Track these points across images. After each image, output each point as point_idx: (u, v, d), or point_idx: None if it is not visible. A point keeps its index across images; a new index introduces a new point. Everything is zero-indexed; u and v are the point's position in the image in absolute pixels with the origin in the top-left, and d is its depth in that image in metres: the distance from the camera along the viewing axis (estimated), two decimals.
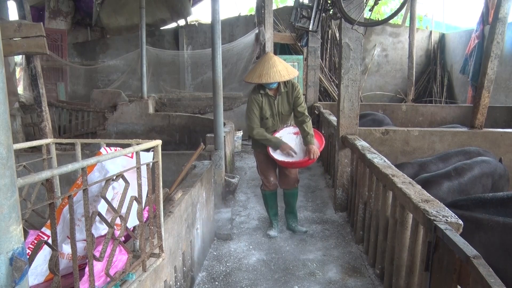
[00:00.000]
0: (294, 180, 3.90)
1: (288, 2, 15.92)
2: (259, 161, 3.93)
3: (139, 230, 1.73)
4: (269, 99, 3.63)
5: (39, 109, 3.54)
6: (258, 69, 3.48)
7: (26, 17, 3.87)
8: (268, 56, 3.56)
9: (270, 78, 3.40)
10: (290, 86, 3.65)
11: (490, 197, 2.74)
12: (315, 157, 3.57)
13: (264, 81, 3.42)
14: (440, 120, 7.14)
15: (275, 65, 3.45)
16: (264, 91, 3.61)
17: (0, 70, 0.90)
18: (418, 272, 2.31)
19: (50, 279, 1.69)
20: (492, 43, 4.83)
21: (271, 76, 3.40)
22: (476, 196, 2.84)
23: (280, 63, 3.50)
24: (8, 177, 0.92)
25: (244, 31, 10.46)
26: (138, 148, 1.66)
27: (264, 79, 3.41)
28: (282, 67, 3.48)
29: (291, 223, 4.00)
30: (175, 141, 7.75)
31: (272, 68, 3.42)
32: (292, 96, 3.66)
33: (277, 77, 3.42)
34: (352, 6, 3.85)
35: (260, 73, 3.44)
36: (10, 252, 0.93)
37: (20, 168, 1.83)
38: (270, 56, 3.54)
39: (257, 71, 3.47)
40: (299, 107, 3.67)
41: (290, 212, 4.03)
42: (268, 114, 3.66)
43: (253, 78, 3.48)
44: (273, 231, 3.93)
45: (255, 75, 3.47)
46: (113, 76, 11.29)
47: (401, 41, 11.04)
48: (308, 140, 3.62)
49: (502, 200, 2.67)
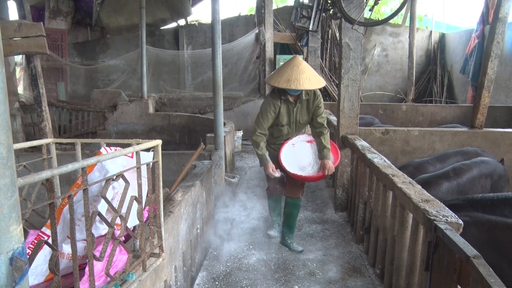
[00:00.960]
0: (300, 190, 3.60)
1: (288, 2, 15.92)
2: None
3: (139, 230, 1.73)
4: (288, 105, 3.37)
5: (39, 109, 3.54)
6: (285, 73, 3.19)
7: (26, 17, 3.87)
8: (297, 60, 3.27)
9: (300, 85, 3.12)
10: (311, 94, 3.38)
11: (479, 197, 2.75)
12: (329, 174, 3.35)
13: (294, 87, 3.13)
14: (440, 120, 7.14)
15: (305, 71, 3.18)
16: (285, 96, 3.33)
17: (0, 70, 0.90)
18: (418, 272, 2.31)
19: (50, 279, 1.69)
20: (492, 43, 4.83)
21: (300, 83, 3.12)
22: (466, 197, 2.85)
23: (309, 70, 3.25)
24: (8, 177, 0.92)
25: (244, 31, 10.47)
26: (138, 148, 1.66)
27: (294, 85, 3.12)
28: (312, 74, 3.22)
29: (287, 239, 3.70)
30: (175, 141, 7.75)
31: (302, 74, 3.15)
32: (313, 105, 3.40)
33: (307, 85, 3.14)
34: (352, 6, 3.85)
35: (289, 78, 3.14)
36: (10, 252, 0.93)
37: (20, 168, 1.83)
38: (299, 61, 3.26)
39: (285, 75, 3.17)
40: (319, 118, 3.42)
41: (288, 226, 3.70)
42: (284, 121, 3.40)
43: (280, 83, 3.17)
44: (273, 231, 3.86)
45: (283, 79, 3.17)
46: (113, 76, 11.30)
47: (401, 41, 11.04)
48: (324, 154, 3.38)
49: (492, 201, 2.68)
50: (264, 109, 3.36)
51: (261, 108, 3.42)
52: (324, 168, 3.33)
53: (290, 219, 3.69)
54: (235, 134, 7.06)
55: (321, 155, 3.41)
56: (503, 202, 2.64)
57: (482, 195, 2.84)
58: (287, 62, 3.30)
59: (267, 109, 3.34)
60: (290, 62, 3.27)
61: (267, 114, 3.34)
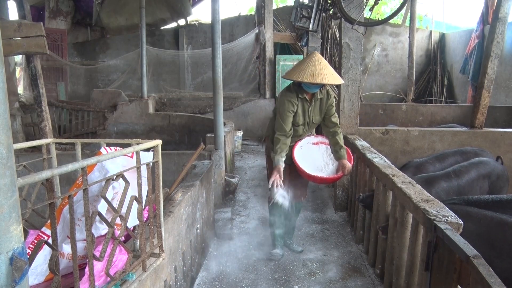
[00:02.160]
0: (302, 193, 3.54)
1: (288, 2, 15.93)
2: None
3: (139, 230, 1.73)
4: (304, 104, 3.24)
5: (39, 109, 3.54)
6: (308, 68, 3.07)
7: (26, 17, 3.87)
8: (318, 55, 3.17)
9: (325, 79, 3.03)
10: (325, 93, 3.29)
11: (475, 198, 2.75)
12: (348, 173, 3.26)
13: (319, 81, 3.02)
14: (440, 120, 7.15)
15: (327, 66, 3.11)
16: (302, 94, 3.20)
17: (0, 70, 0.90)
18: (418, 272, 2.31)
19: (50, 279, 1.69)
20: (492, 42, 4.83)
21: (325, 78, 3.03)
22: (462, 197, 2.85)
23: (329, 66, 3.17)
24: (8, 177, 0.92)
25: (244, 31, 10.47)
26: (138, 148, 1.66)
27: (319, 79, 3.01)
28: (332, 70, 3.16)
29: (287, 239, 3.69)
30: (175, 141, 7.76)
31: (325, 69, 3.07)
32: (326, 104, 3.30)
33: (331, 80, 3.06)
34: (352, 6, 3.86)
35: (313, 73, 3.03)
36: (10, 252, 0.93)
37: (20, 168, 1.83)
38: (320, 56, 3.16)
39: (308, 70, 3.05)
40: (332, 117, 3.33)
41: (289, 229, 3.70)
42: (301, 121, 3.27)
43: (305, 77, 3.03)
44: (278, 249, 3.57)
45: (306, 73, 3.04)
46: (113, 76, 11.31)
47: (401, 41, 11.04)
48: (341, 154, 3.27)
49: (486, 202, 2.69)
50: (282, 110, 3.17)
51: (278, 110, 3.25)
52: (344, 168, 3.22)
53: (290, 222, 3.65)
54: (235, 134, 7.07)
55: (338, 155, 3.30)
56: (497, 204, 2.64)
57: (478, 196, 2.85)
58: (307, 58, 3.18)
59: (287, 107, 3.16)
60: (310, 58, 3.15)
61: (286, 114, 3.16)
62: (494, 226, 2.42)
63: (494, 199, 2.68)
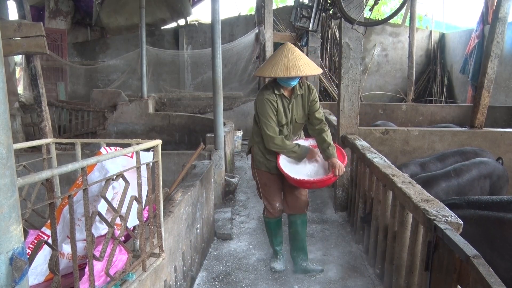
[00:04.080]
0: (304, 203, 3.19)
1: (288, 2, 15.93)
2: (262, 183, 3.19)
3: (139, 230, 1.73)
4: (283, 101, 2.95)
5: (39, 109, 3.54)
6: (281, 61, 2.78)
7: (26, 17, 3.86)
8: (289, 46, 2.88)
9: (300, 71, 2.74)
10: (305, 88, 3.01)
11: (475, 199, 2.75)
12: (340, 174, 2.88)
13: (294, 74, 2.73)
14: (440, 120, 7.14)
15: (301, 57, 2.83)
16: (279, 91, 2.92)
17: (0, 70, 0.90)
18: (418, 271, 2.31)
19: (50, 279, 1.69)
20: (492, 42, 4.83)
21: (301, 69, 2.74)
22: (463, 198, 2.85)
23: (304, 56, 2.89)
24: (8, 177, 0.92)
25: (244, 31, 10.47)
26: (138, 148, 1.66)
27: (294, 72, 2.73)
28: (308, 60, 2.88)
29: (301, 262, 3.20)
30: (175, 141, 7.76)
31: (299, 60, 2.79)
32: (308, 100, 3.01)
33: (307, 71, 2.78)
34: (352, 5, 3.85)
35: (286, 66, 2.75)
36: (10, 251, 0.93)
37: (20, 168, 1.83)
38: (292, 47, 2.87)
39: (281, 64, 2.77)
40: (316, 113, 3.02)
41: (300, 249, 3.22)
42: (284, 120, 2.97)
43: (278, 72, 2.75)
44: (278, 263, 3.27)
45: (280, 68, 2.76)
46: (113, 76, 11.30)
47: (401, 41, 11.04)
48: (330, 153, 2.90)
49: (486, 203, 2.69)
50: (263, 110, 2.90)
51: (259, 111, 2.96)
52: (334, 168, 2.85)
53: (299, 240, 3.22)
54: (235, 134, 7.07)
55: (326, 154, 2.92)
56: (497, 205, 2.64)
57: (479, 197, 2.85)
58: (278, 51, 2.90)
59: (266, 108, 2.89)
60: (282, 50, 2.87)
61: (268, 113, 2.89)
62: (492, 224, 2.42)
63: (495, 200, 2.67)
